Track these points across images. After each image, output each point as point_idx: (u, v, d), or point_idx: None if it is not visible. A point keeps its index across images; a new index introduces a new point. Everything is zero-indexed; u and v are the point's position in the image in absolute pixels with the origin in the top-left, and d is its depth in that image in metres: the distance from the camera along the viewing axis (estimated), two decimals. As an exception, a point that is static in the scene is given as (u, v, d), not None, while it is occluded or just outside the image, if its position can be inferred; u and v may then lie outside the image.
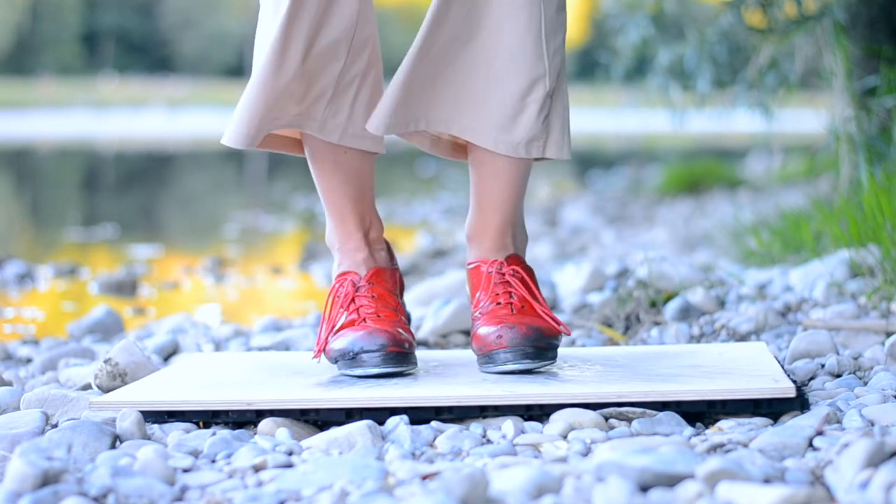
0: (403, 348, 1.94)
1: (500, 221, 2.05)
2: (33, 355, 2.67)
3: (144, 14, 40.75)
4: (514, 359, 1.91)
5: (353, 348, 1.94)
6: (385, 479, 1.50)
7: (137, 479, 1.49)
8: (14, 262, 4.53)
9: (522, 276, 2.02)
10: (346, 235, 2.11)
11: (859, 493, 1.36)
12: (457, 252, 4.86)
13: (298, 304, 3.88)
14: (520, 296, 2.00)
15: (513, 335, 1.92)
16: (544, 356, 1.93)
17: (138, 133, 20.25)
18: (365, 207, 2.12)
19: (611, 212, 6.83)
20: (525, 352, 1.91)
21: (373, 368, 1.93)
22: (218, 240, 5.94)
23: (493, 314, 1.98)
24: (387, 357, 1.93)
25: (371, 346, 1.93)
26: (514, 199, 2.06)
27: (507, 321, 1.94)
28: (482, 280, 2.04)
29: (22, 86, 33.05)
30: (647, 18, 4.82)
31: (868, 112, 3.80)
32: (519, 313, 1.97)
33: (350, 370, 1.94)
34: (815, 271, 2.81)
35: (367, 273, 2.07)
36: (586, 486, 1.40)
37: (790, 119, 5.16)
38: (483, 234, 2.07)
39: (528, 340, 1.91)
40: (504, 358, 1.92)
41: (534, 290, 2.01)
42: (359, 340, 1.94)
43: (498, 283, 2.02)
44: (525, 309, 1.99)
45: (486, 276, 2.03)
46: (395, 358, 1.93)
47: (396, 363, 1.93)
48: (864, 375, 2.07)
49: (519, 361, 1.91)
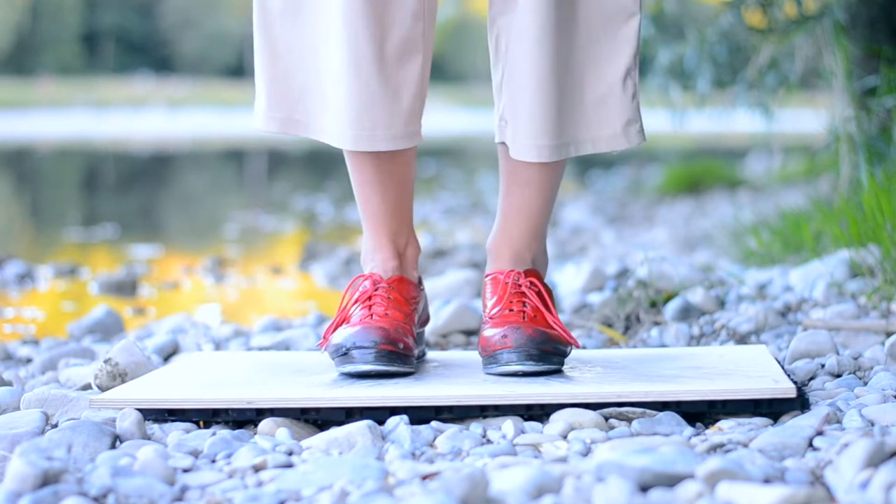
0: (397, 348, 1.90)
1: (523, 233, 2.03)
2: (33, 355, 2.67)
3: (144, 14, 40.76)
4: (517, 359, 1.89)
5: (345, 344, 1.91)
6: (385, 479, 1.50)
7: (137, 479, 1.49)
8: (14, 262, 4.53)
9: (539, 288, 2.00)
10: (379, 245, 2.08)
11: (859, 493, 1.36)
12: (457, 252, 4.85)
13: (298, 304, 3.88)
14: (533, 306, 1.98)
15: (518, 335, 1.89)
16: (549, 360, 1.90)
17: (138, 133, 20.25)
18: (402, 222, 2.08)
19: (611, 212, 6.83)
20: (529, 353, 1.88)
21: (362, 365, 1.90)
22: (218, 240, 5.94)
23: (502, 318, 1.95)
24: (378, 355, 1.89)
25: (363, 342, 1.90)
26: (542, 210, 2.03)
27: (514, 323, 1.92)
28: (498, 288, 2.01)
29: (22, 86, 33.06)
30: (647, 18, 4.82)
31: (868, 112, 3.81)
32: (530, 321, 1.95)
33: (342, 367, 1.92)
34: (815, 271, 2.81)
35: (391, 278, 2.04)
36: (586, 486, 1.40)
37: (790, 119, 5.16)
38: (505, 245, 2.04)
39: (533, 342, 1.89)
40: (507, 358, 1.89)
41: (548, 303, 1.98)
42: (352, 336, 1.91)
43: (514, 292, 1.99)
44: (537, 319, 1.96)
45: (503, 284, 2.00)
46: (387, 356, 1.89)
47: (387, 362, 1.89)
48: (864, 375, 2.07)
49: (522, 363, 1.89)
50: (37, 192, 9.91)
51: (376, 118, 1.95)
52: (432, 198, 8.16)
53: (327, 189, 9.05)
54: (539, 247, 2.07)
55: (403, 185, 2.06)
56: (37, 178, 11.40)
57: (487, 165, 11.07)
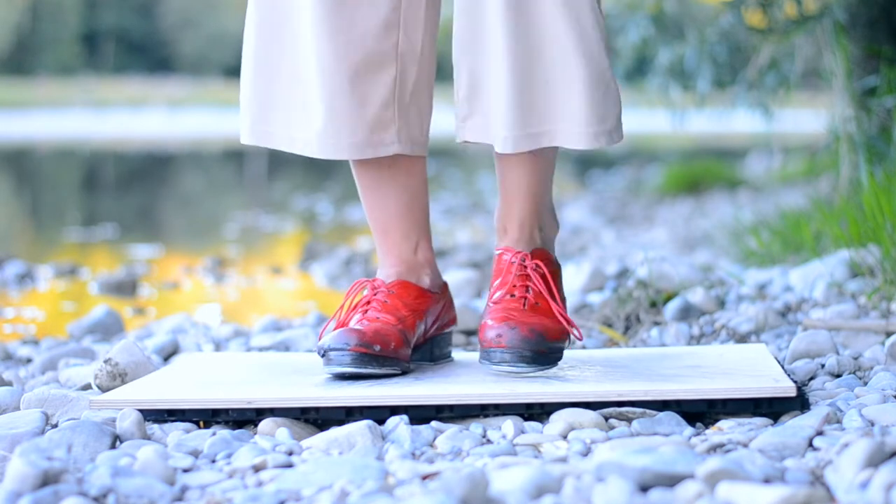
0: (372, 350, 1.91)
1: (525, 212, 2.02)
2: (33, 355, 2.67)
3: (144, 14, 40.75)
4: (510, 360, 1.89)
5: (324, 346, 1.93)
6: (385, 479, 1.50)
7: (137, 479, 1.49)
8: (14, 262, 4.53)
9: (544, 272, 1.99)
10: (382, 251, 2.09)
11: (859, 493, 1.36)
12: (457, 252, 4.86)
13: (298, 304, 3.88)
14: (536, 291, 1.97)
15: (512, 336, 1.89)
16: (542, 361, 1.90)
17: (138, 133, 20.25)
18: (410, 228, 2.08)
19: (611, 212, 6.83)
20: (522, 355, 1.89)
21: (337, 367, 1.91)
22: (218, 240, 5.94)
23: (503, 307, 1.95)
24: (352, 356, 1.90)
25: (337, 344, 1.91)
26: (539, 189, 2.02)
27: (511, 319, 1.91)
28: (503, 269, 2.01)
29: (22, 86, 33.06)
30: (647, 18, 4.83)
31: (868, 112, 3.81)
32: (530, 310, 1.94)
33: (326, 367, 1.94)
34: (815, 271, 2.81)
35: (392, 283, 2.05)
36: (586, 486, 1.40)
37: (790, 119, 5.16)
38: (509, 223, 2.03)
39: (527, 344, 1.89)
40: (500, 357, 1.90)
41: (553, 288, 1.98)
42: (329, 339, 1.93)
43: (518, 275, 1.98)
44: (539, 306, 1.95)
45: (508, 265, 2.00)
46: (360, 358, 1.90)
47: (360, 364, 1.90)
48: (864, 375, 2.07)
49: (515, 364, 1.89)
50: (37, 192, 9.91)
51: (340, 127, 1.99)
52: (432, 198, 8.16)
53: (327, 189, 9.05)
54: (545, 218, 2.06)
55: (406, 192, 2.07)
56: (37, 178, 11.40)
57: (487, 165, 11.07)
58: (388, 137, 2.02)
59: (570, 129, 1.94)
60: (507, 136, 1.94)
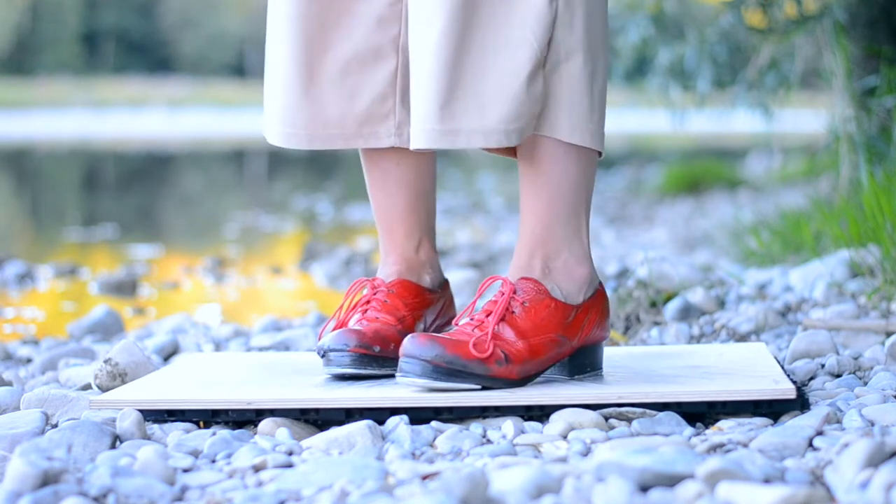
0: (371, 351, 1.91)
1: (527, 238, 1.89)
2: (33, 355, 2.67)
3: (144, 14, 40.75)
4: (406, 371, 1.79)
5: (323, 346, 1.93)
6: (385, 479, 1.50)
7: (137, 479, 1.49)
8: (14, 262, 4.53)
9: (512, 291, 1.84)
10: (384, 248, 2.08)
11: (859, 493, 1.36)
12: (457, 252, 4.86)
13: (298, 304, 3.88)
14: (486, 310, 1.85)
15: (411, 345, 1.80)
16: (441, 374, 1.78)
17: (138, 133, 20.25)
18: (413, 227, 2.06)
19: (611, 212, 6.83)
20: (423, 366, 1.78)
21: (337, 368, 1.91)
22: (218, 240, 5.94)
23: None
24: (351, 357, 1.90)
25: (337, 344, 1.91)
26: (544, 213, 1.87)
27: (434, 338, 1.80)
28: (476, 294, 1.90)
29: (22, 86, 33.06)
30: (647, 18, 4.83)
31: (868, 112, 3.81)
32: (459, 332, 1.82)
33: (325, 368, 1.94)
34: (815, 271, 2.81)
35: (392, 282, 2.03)
36: (586, 486, 1.40)
37: (790, 119, 5.16)
38: (517, 247, 1.92)
39: (423, 352, 1.78)
40: (399, 367, 1.81)
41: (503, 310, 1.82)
42: (329, 339, 1.93)
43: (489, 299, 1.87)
44: (474, 331, 1.82)
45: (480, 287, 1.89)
46: (359, 359, 1.90)
47: (359, 365, 1.90)
48: (864, 375, 2.07)
49: (406, 374, 1.80)
50: (37, 192, 9.91)
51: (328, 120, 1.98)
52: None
53: (327, 189, 9.05)
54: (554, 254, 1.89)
55: (413, 190, 2.06)
56: (37, 178, 11.40)
57: (487, 165, 11.07)
58: (383, 131, 2.01)
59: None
60: (431, 130, 1.83)
